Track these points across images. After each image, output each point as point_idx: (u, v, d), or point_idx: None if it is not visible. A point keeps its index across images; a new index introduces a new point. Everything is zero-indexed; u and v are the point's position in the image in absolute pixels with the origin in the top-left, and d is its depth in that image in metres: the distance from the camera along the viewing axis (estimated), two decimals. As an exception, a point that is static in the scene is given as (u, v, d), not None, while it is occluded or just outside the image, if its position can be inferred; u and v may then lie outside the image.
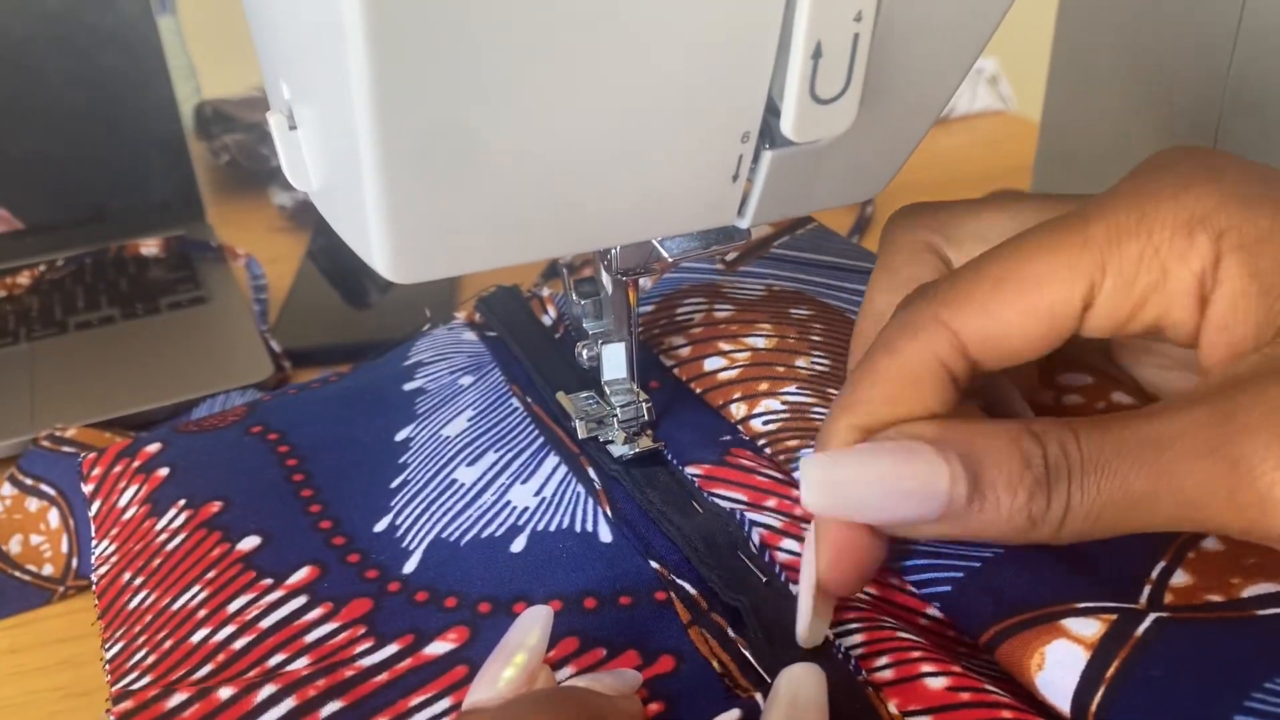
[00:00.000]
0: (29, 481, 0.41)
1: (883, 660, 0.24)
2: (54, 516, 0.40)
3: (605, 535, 0.29)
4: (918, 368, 0.23)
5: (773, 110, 0.22)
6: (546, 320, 0.38)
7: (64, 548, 0.39)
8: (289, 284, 0.60)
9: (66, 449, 0.42)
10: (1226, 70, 0.41)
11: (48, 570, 0.39)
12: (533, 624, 0.23)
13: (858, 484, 0.21)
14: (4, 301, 0.58)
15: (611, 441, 0.31)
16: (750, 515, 0.28)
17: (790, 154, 0.23)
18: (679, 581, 0.27)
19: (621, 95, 0.20)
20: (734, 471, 0.30)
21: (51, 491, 0.41)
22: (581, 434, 0.31)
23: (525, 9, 0.18)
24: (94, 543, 0.32)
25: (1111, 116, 0.48)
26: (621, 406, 0.31)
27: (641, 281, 0.34)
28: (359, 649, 0.26)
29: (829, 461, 0.22)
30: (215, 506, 0.32)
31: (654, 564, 0.28)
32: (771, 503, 0.29)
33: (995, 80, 0.81)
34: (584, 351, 0.32)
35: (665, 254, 0.27)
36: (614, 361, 0.32)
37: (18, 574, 0.39)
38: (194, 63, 0.79)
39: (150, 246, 0.62)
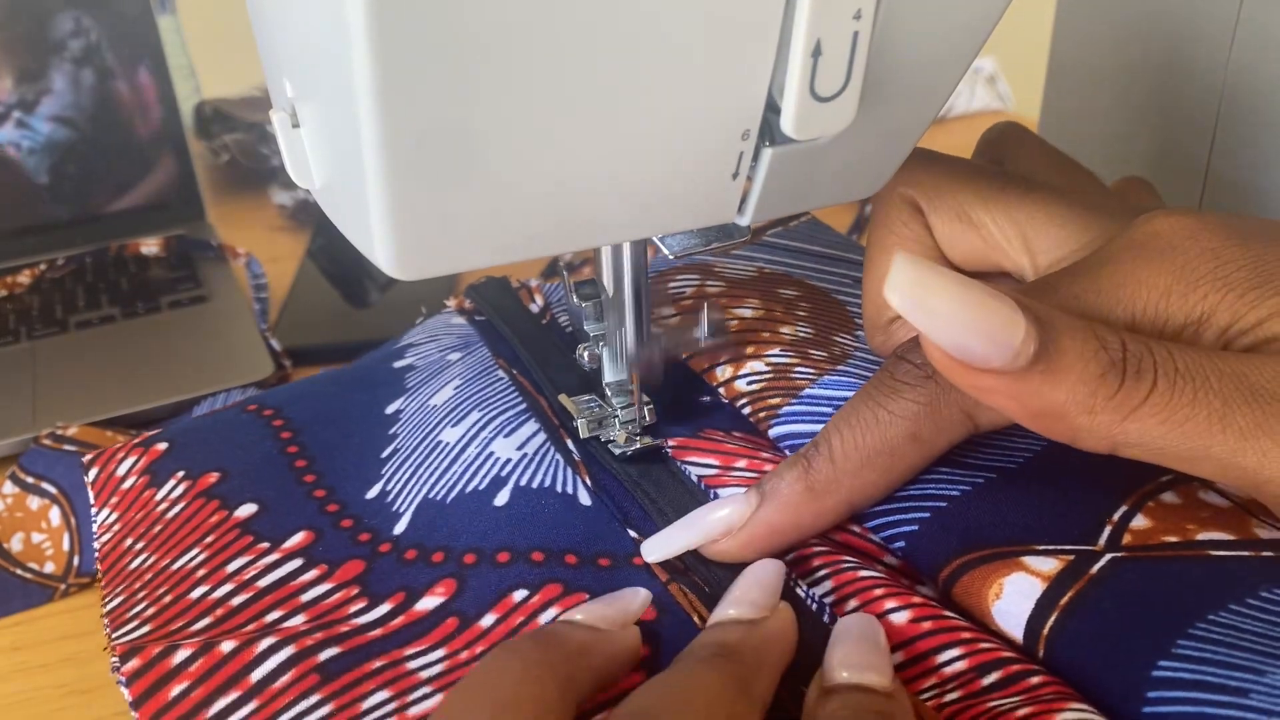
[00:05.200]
0: (30, 480, 0.41)
1: (852, 604, 0.24)
2: (55, 515, 0.40)
3: (585, 499, 0.30)
4: None
5: (773, 108, 0.22)
6: (534, 308, 0.39)
7: (65, 546, 0.39)
8: (289, 283, 0.60)
9: (68, 447, 0.42)
10: (1224, 69, 0.41)
11: (49, 568, 0.39)
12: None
13: (941, 296, 0.21)
14: (5, 300, 0.58)
15: (613, 440, 0.31)
16: (720, 491, 0.29)
17: (790, 151, 0.23)
18: None
19: (622, 94, 0.20)
20: (705, 442, 0.31)
21: (53, 490, 0.41)
22: (583, 433, 0.31)
23: (526, 9, 0.18)
24: (93, 510, 0.33)
25: (1110, 116, 0.48)
26: (623, 408, 0.31)
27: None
28: (353, 609, 0.27)
29: (923, 267, 0.21)
30: (213, 477, 0.32)
31: (632, 533, 0.28)
32: (741, 464, 0.30)
33: (993, 79, 0.81)
34: (585, 353, 0.32)
35: (665, 251, 0.28)
36: (615, 363, 0.32)
37: (19, 572, 0.39)
38: (194, 63, 0.79)
39: (151, 246, 0.62)
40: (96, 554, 0.32)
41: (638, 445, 0.31)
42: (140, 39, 0.63)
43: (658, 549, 0.27)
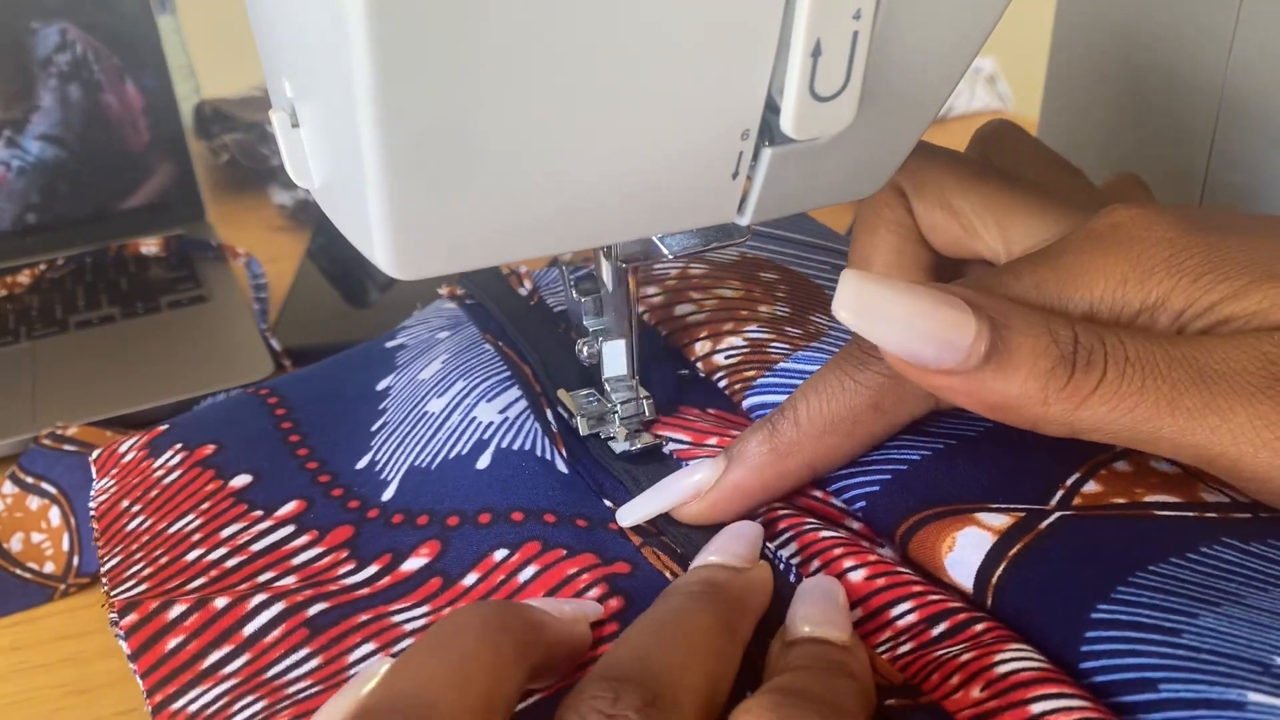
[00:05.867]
0: (30, 480, 0.41)
1: (815, 564, 0.26)
2: (55, 515, 0.40)
3: (562, 467, 0.31)
4: None
5: (772, 108, 0.22)
6: (522, 292, 0.40)
7: (65, 546, 0.39)
8: (289, 283, 0.60)
9: (67, 447, 0.42)
10: (1224, 69, 0.41)
11: (49, 568, 0.39)
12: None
13: (889, 308, 0.22)
14: (5, 300, 0.58)
15: (613, 438, 0.31)
16: (690, 463, 0.29)
17: (790, 151, 0.23)
18: None
19: (621, 94, 0.20)
20: (680, 419, 0.32)
21: (52, 490, 0.41)
22: (583, 430, 0.31)
23: (526, 9, 0.18)
24: (95, 481, 0.34)
25: (1109, 116, 0.48)
26: (622, 403, 0.31)
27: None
28: (341, 570, 0.29)
29: (868, 279, 0.22)
30: (209, 448, 0.34)
31: (607, 502, 0.29)
32: (713, 440, 0.30)
33: (993, 79, 0.81)
34: (584, 349, 0.32)
35: (665, 251, 0.28)
36: (614, 358, 0.32)
37: (19, 572, 0.39)
38: (194, 63, 0.79)
39: (150, 246, 0.62)
40: (92, 513, 0.33)
41: (639, 446, 0.31)
42: (140, 39, 0.63)
43: (632, 514, 0.28)
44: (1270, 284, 0.22)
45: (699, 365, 0.34)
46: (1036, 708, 0.20)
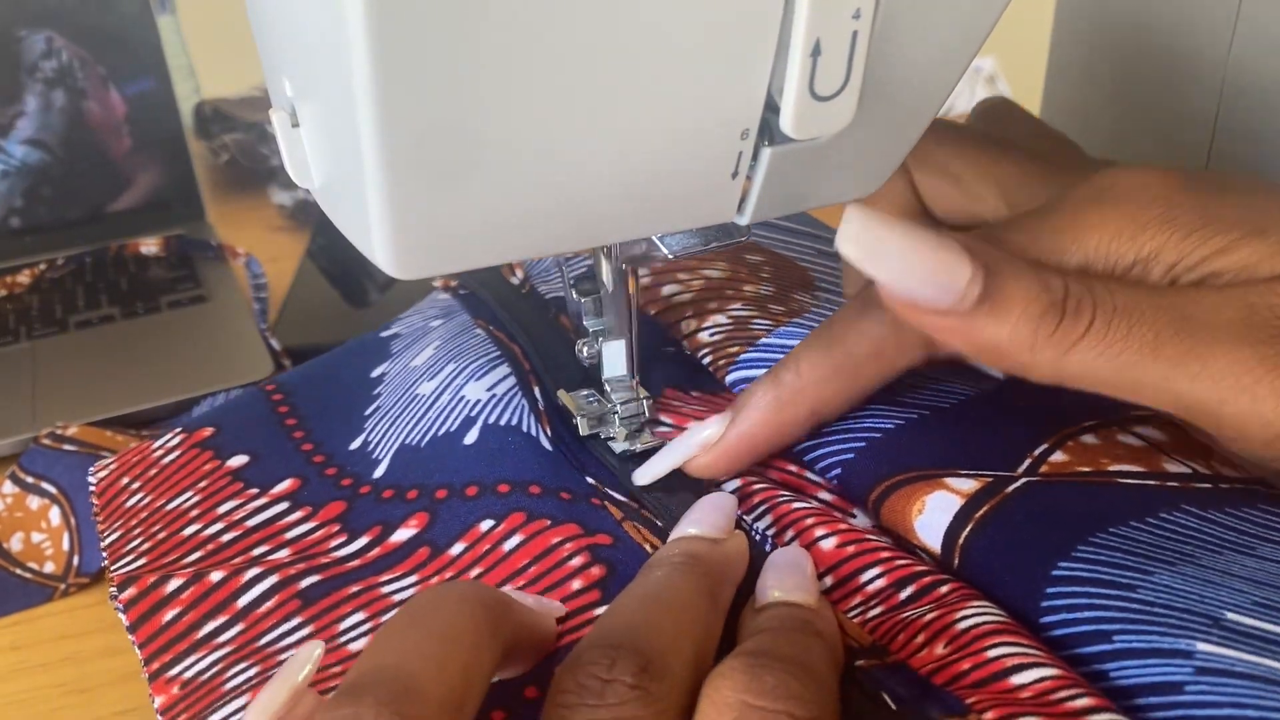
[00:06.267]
0: (30, 480, 0.41)
1: (789, 534, 0.27)
2: (55, 514, 0.40)
3: (547, 444, 0.31)
4: None
5: (772, 107, 0.22)
6: (514, 280, 0.41)
7: (65, 545, 0.39)
8: (289, 283, 0.60)
9: (67, 447, 0.42)
10: (1223, 69, 0.41)
11: (49, 568, 0.39)
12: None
13: (890, 246, 0.22)
14: (5, 300, 0.58)
15: (613, 438, 0.31)
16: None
17: (789, 151, 0.23)
18: (612, 493, 0.30)
19: (621, 93, 0.21)
20: (665, 402, 0.32)
21: (52, 489, 0.41)
22: (583, 430, 0.31)
23: (526, 9, 0.18)
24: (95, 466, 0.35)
25: (1109, 115, 0.48)
26: (622, 404, 0.31)
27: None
28: (334, 543, 0.30)
29: (873, 218, 0.23)
30: (207, 431, 0.35)
31: (590, 479, 0.30)
32: (693, 425, 0.31)
33: (993, 79, 0.82)
34: (584, 349, 0.32)
35: (665, 250, 0.28)
36: (614, 359, 0.32)
37: (19, 571, 0.39)
38: (194, 63, 0.79)
39: (150, 245, 0.62)
40: (92, 488, 0.33)
41: (639, 446, 0.31)
42: (140, 39, 0.63)
43: (646, 474, 0.29)
44: (1258, 239, 0.23)
45: (684, 343, 0.34)
46: (992, 653, 0.21)
